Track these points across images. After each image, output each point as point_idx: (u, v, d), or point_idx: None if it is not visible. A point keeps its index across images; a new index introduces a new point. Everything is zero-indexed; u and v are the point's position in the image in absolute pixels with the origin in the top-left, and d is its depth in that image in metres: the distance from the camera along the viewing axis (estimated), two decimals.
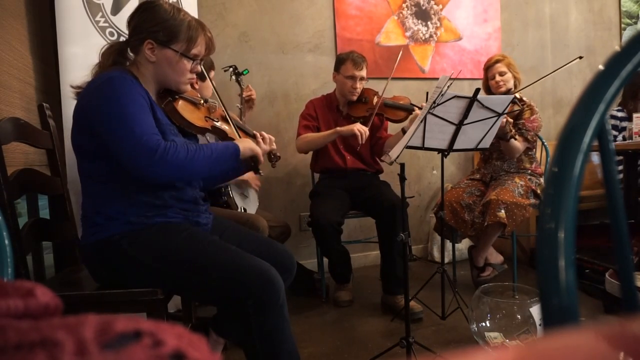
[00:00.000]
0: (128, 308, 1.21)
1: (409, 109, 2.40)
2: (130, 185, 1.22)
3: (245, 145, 1.36)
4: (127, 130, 1.14)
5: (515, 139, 2.34)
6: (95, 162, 1.23)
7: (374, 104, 2.43)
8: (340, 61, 2.46)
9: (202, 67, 1.44)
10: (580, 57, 2.49)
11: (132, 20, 1.30)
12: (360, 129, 2.26)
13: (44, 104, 1.57)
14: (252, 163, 1.43)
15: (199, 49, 1.31)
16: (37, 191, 1.73)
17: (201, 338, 0.30)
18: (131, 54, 1.33)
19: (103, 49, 1.35)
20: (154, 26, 1.26)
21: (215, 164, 1.26)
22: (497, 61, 2.50)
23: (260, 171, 1.45)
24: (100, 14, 2.06)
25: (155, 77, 1.32)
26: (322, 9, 3.04)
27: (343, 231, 2.34)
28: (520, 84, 2.54)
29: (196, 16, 2.36)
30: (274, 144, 1.55)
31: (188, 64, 1.31)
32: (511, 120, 2.35)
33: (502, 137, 2.31)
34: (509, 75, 2.48)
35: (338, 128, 2.34)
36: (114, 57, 1.31)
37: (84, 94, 1.23)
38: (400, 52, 2.49)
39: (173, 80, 1.32)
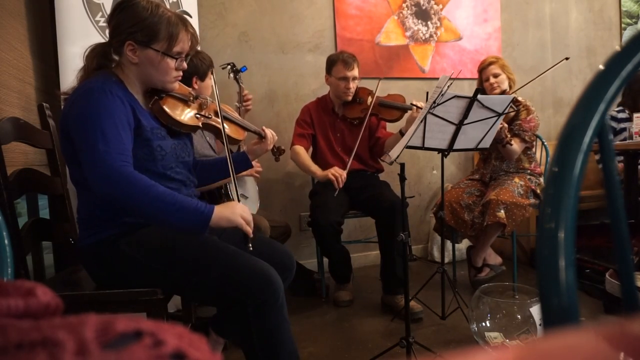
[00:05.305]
0: (128, 308, 1.21)
1: (403, 109, 2.40)
2: None
3: (223, 213, 1.16)
4: (92, 146, 1.11)
5: (511, 145, 2.35)
6: (80, 169, 1.21)
7: (368, 104, 2.43)
8: (331, 63, 2.45)
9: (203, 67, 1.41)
10: (567, 58, 2.49)
11: (111, 21, 1.26)
12: (335, 173, 2.27)
13: (44, 104, 1.57)
14: (242, 235, 1.23)
15: (181, 45, 1.27)
16: (37, 191, 1.73)
17: (201, 338, 0.30)
18: (115, 55, 1.30)
19: (86, 52, 1.31)
20: (133, 26, 1.21)
21: (172, 216, 1.11)
22: (491, 63, 2.51)
23: (250, 246, 1.22)
24: (100, 13, 2.06)
25: (140, 78, 1.28)
26: (322, 8, 3.04)
27: (343, 231, 2.34)
28: (515, 84, 2.55)
29: (196, 16, 2.37)
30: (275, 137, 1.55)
31: (172, 62, 1.27)
32: (506, 125, 2.35)
33: (498, 141, 2.31)
34: (502, 77, 2.48)
35: (317, 173, 2.37)
36: (98, 60, 1.28)
37: (67, 102, 1.21)
38: (379, 81, 2.45)
39: (158, 80, 1.29)
